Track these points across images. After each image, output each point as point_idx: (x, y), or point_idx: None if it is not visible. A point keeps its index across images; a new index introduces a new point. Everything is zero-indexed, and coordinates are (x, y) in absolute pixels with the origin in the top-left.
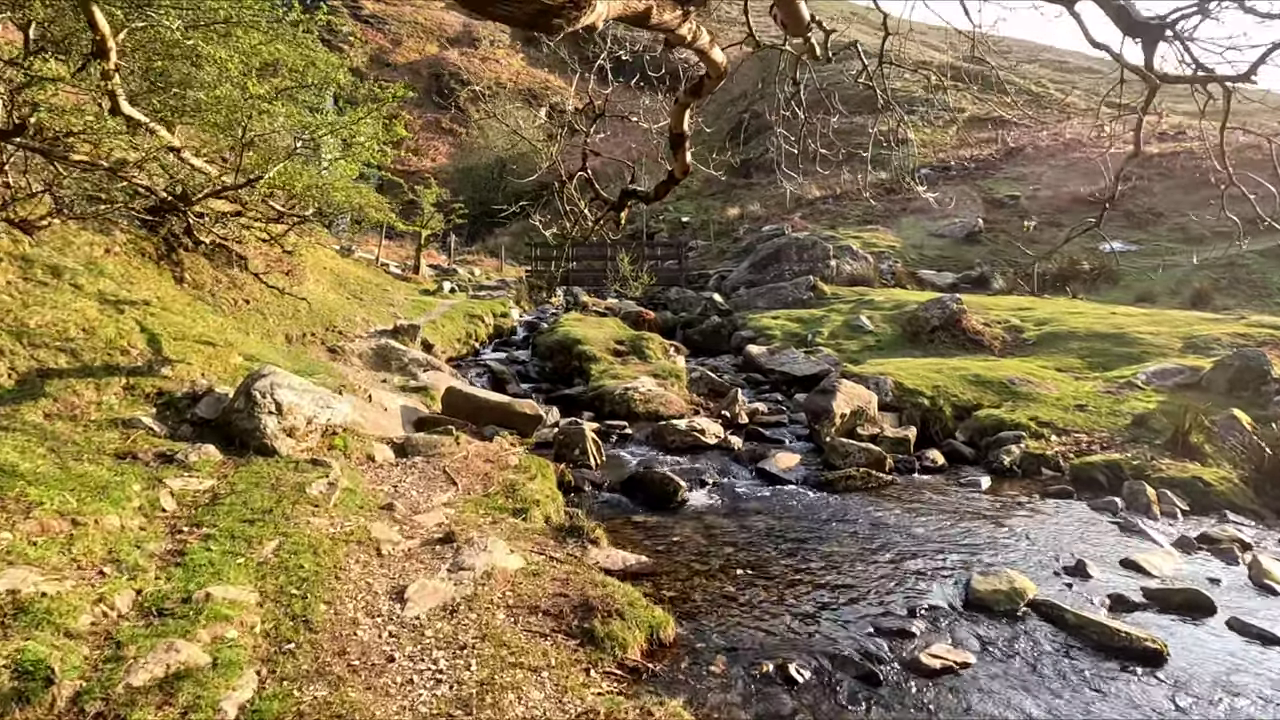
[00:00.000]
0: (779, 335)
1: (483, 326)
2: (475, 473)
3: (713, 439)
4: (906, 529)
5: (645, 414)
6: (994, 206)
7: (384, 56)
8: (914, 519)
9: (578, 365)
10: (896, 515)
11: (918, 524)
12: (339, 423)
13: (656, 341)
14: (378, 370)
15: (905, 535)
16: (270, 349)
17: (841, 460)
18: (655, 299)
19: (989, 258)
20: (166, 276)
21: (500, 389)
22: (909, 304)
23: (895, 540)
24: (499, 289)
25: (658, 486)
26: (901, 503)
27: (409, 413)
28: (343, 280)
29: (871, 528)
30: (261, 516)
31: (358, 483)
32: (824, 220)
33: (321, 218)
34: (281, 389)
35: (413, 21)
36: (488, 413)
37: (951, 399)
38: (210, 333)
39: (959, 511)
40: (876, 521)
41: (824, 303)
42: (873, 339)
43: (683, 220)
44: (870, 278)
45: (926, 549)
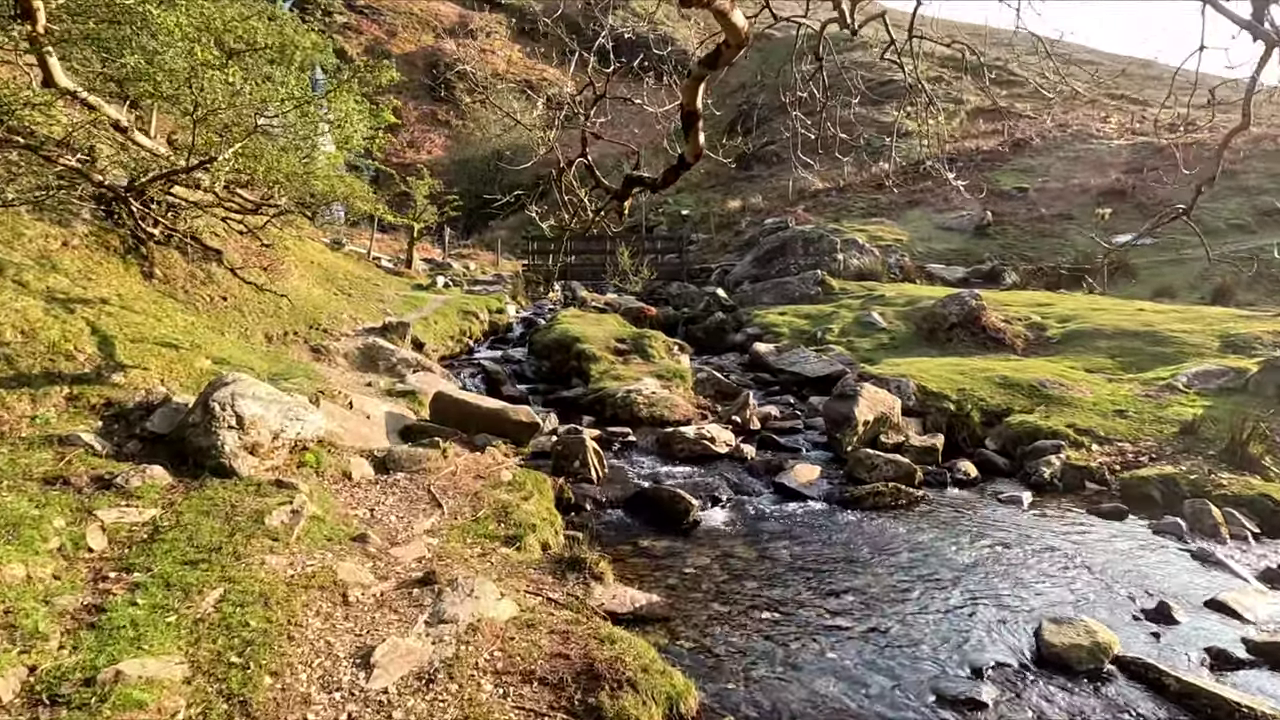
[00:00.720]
0: (787, 333)
1: (477, 323)
2: (464, 492)
3: (723, 448)
4: (949, 557)
5: (649, 419)
6: (1002, 199)
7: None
8: (956, 544)
9: (577, 365)
10: (936, 539)
11: (961, 550)
12: (311, 435)
13: (660, 340)
14: (364, 371)
15: (950, 565)
16: (246, 350)
17: (867, 473)
18: (656, 294)
19: (999, 252)
20: (133, 272)
21: (495, 390)
22: (922, 300)
23: (940, 572)
24: (495, 284)
25: (667, 505)
26: (939, 524)
27: (394, 420)
28: (330, 275)
29: (911, 555)
30: (207, 556)
31: (328, 507)
32: (828, 213)
33: (303, 208)
34: (244, 399)
35: (408, 12)
36: (480, 420)
37: (979, 403)
38: (176, 334)
39: (1004, 535)
40: (915, 547)
41: (832, 298)
42: (886, 337)
43: (683, 213)
44: (878, 272)
45: (977, 583)
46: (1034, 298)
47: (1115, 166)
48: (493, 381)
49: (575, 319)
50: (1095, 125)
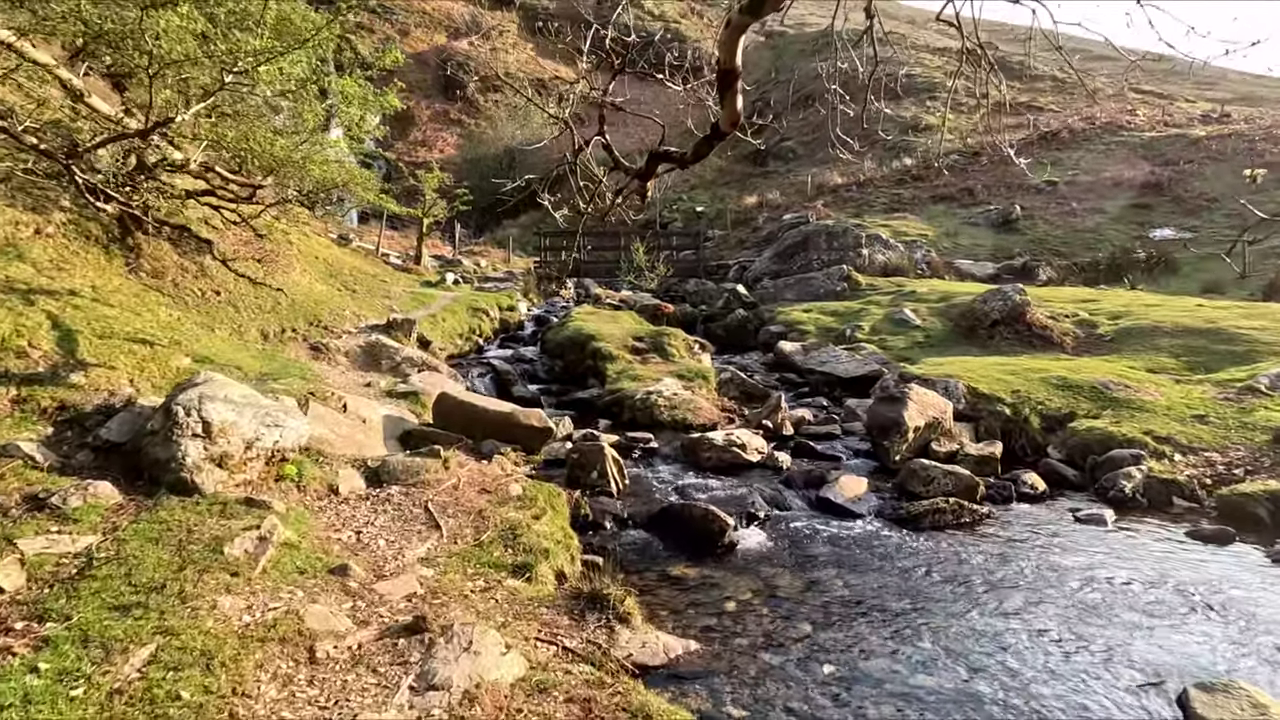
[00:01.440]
0: (813, 330)
1: (487, 321)
2: (467, 509)
3: (755, 456)
4: (1038, 591)
5: (671, 423)
6: (1030, 193)
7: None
8: (1041, 575)
9: (592, 364)
10: (1016, 569)
11: (1050, 584)
12: (292, 444)
13: (679, 338)
14: (366, 370)
15: (1041, 603)
16: (237, 348)
17: (923, 487)
18: (672, 291)
19: (1029, 247)
20: (116, 263)
21: (505, 391)
22: (957, 296)
23: (1031, 612)
24: (506, 281)
25: (698, 525)
26: (1014, 549)
27: (393, 425)
28: (335, 270)
29: (991, 589)
30: (144, 599)
31: (306, 530)
32: (848, 208)
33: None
34: (213, 403)
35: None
36: (487, 425)
37: (1037, 407)
38: (154, 329)
39: (1096, 563)
40: (993, 579)
41: (859, 294)
42: (921, 334)
43: (697, 210)
44: (904, 268)
45: (1081, 628)
46: (1076, 293)
47: (1149, 159)
48: (503, 382)
49: (589, 316)
50: (1124, 118)
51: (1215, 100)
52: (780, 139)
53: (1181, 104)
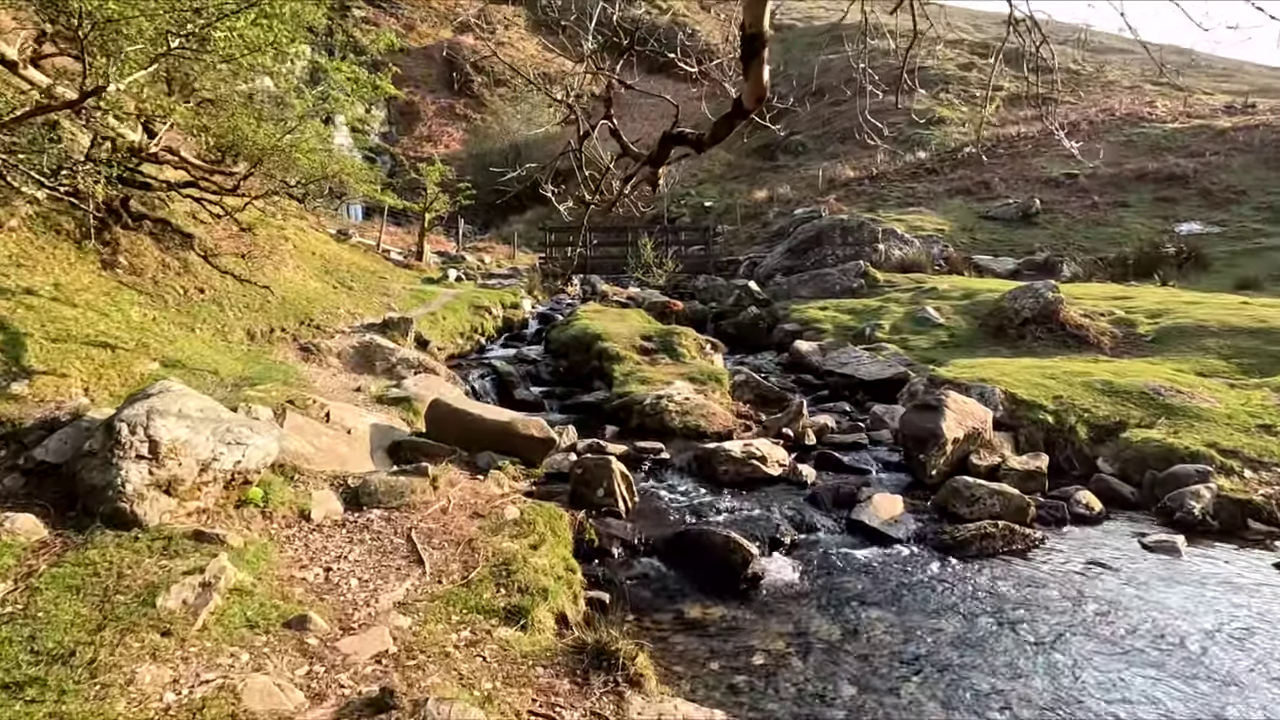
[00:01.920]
0: (830, 329)
1: (489, 319)
2: (455, 538)
3: (776, 469)
4: (1122, 640)
5: (683, 430)
6: (1049, 186)
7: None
8: (1122, 618)
9: (598, 365)
10: (1092, 610)
11: (1134, 629)
12: (257, 464)
13: (690, 337)
14: (359, 373)
15: (1131, 656)
16: (217, 349)
17: (966, 508)
18: (680, 288)
19: (1050, 242)
20: (89, 260)
21: (507, 394)
22: (981, 293)
23: (1118, 670)
24: (510, 277)
25: (719, 554)
26: (1082, 583)
27: (381, 435)
28: (332, 267)
29: (1067, 635)
30: (45, 671)
31: (266, 569)
32: (861, 202)
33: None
34: (164, 418)
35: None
36: (483, 435)
37: (1083, 415)
38: (121, 331)
39: (1184, 602)
40: (1066, 622)
41: (877, 291)
42: (945, 334)
43: (705, 205)
44: (922, 263)
45: (1189, 693)
46: (1106, 290)
47: (1172, 151)
48: (504, 384)
49: (596, 314)
50: (1144, 110)
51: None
52: (790, 133)
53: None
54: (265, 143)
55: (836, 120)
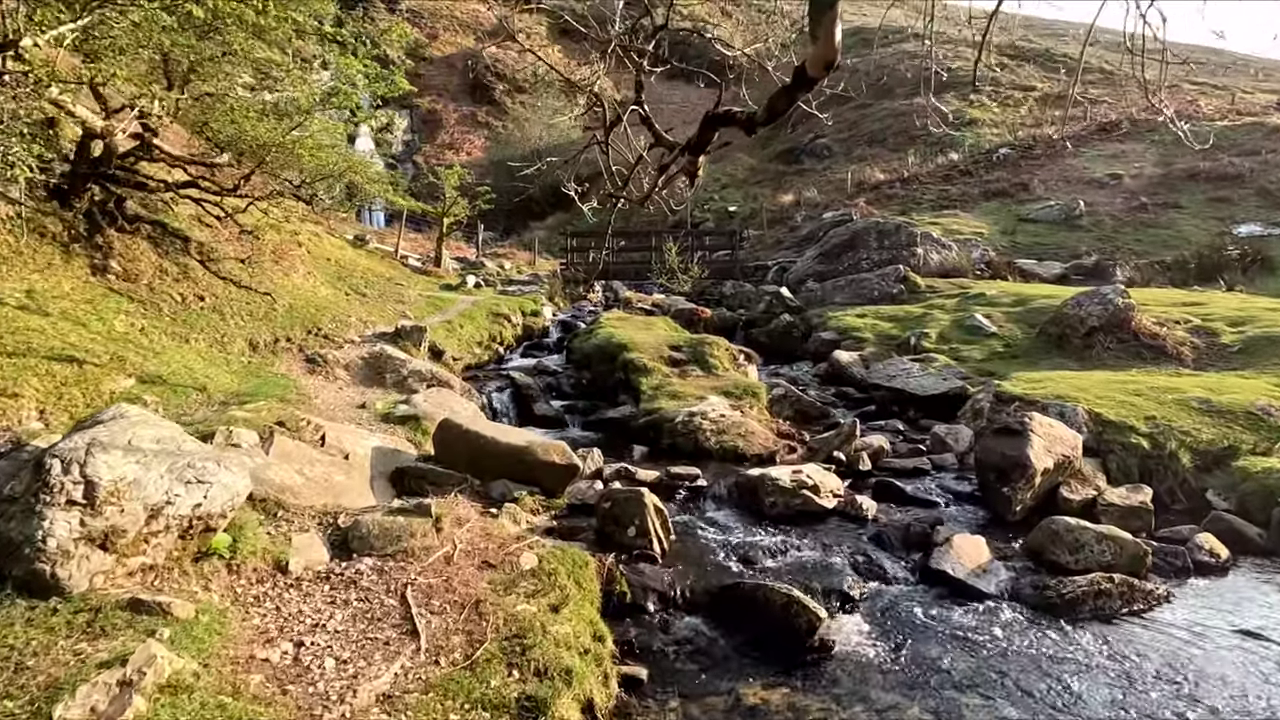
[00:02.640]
0: (870, 338)
1: (509, 327)
2: (460, 597)
3: (830, 500)
4: None
5: (719, 451)
6: (1092, 187)
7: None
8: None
9: (623, 378)
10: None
11: None
12: (222, 506)
13: (722, 347)
14: (367, 386)
15: None
16: (213, 362)
17: (1070, 555)
18: (706, 294)
19: (1096, 245)
20: (77, 264)
21: (525, 408)
22: (1035, 299)
23: None
24: (531, 284)
25: (778, 616)
26: (1230, 660)
27: (384, 460)
28: (345, 273)
29: None
30: None
31: (219, 646)
32: (893, 205)
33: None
34: (108, 452)
35: (450, 15)
36: (497, 461)
37: (1184, 439)
38: (97, 343)
39: None
40: None
41: (918, 297)
42: (999, 344)
43: (730, 209)
44: (963, 267)
45: None
46: (1171, 295)
47: (1224, 150)
48: (523, 398)
49: (620, 322)
50: (1190, 108)
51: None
52: (815, 136)
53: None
54: (267, 139)
55: (863, 123)
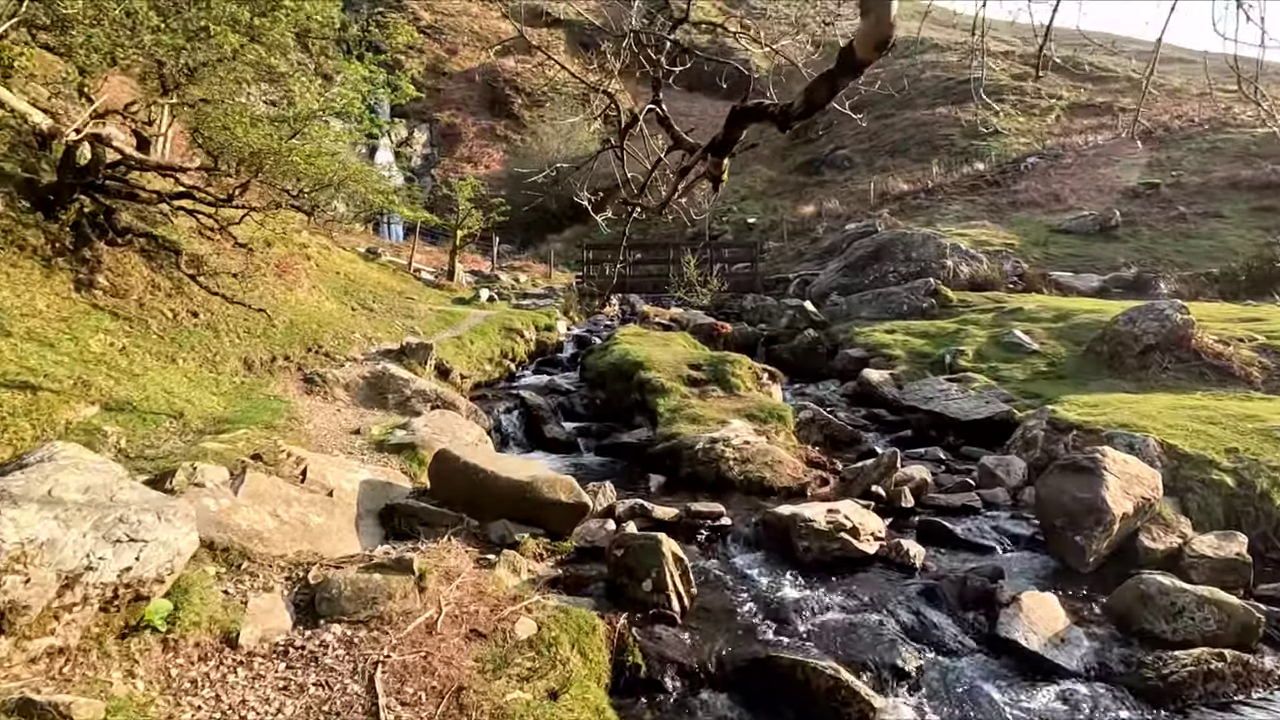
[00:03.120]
0: (902, 355)
1: (521, 343)
2: (440, 681)
3: (871, 544)
4: None
5: (743, 483)
6: (1127, 196)
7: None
8: None
9: (640, 399)
10: None
11: None
12: (162, 569)
13: (744, 365)
14: (368, 407)
15: None
16: (199, 384)
17: (1166, 623)
18: (725, 308)
19: (1134, 256)
20: (58, 280)
21: (535, 431)
22: (1076, 314)
23: None
24: (545, 297)
25: (822, 704)
26: None
27: (373, 496)
28: (353, 287)
29: None
30: None
31: None
32: (918, 216)
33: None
34: (18, 507)
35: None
36: (497, 498)
37: (1275, 476)
38: (62, 366)
39: None
40: None
41: (950, 312)
42: (1042, 362)
43: (749, 221)
44: (994, 280)
45: None
46: (1226, 311)
47: (1266, 157)
48: (533, 419)
49: (636, 338)
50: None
51: None
52: (835, 147)
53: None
54: (260, 145)
55: (884, 134)
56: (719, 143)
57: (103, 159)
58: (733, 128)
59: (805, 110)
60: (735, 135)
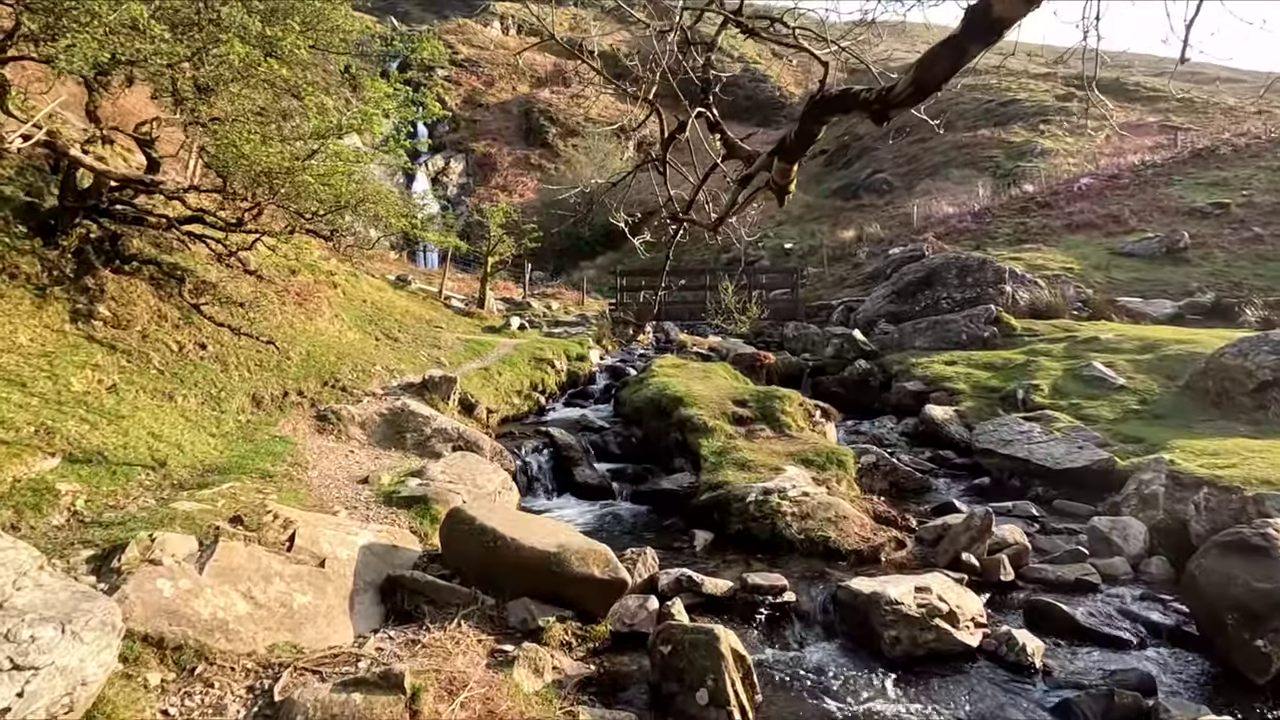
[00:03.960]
0: (965, 389)
1: (552, 374)
2: None
3: (971, 633)
4: None
5: (805, 544)
6: (1194, 217)
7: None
8: None
9: (680, 438)
10: None
11: None
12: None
13: (795, 402)
14: (385, 447)
15: None
16: (196, 425)
17: None
18: (766, 336)
19: (1208, 280)
20: (52, 310)
21: (565, 473)
22: (1166, 344)
23: None
24: (578, 325)
25: None
26: None
27: (375, 564)
28: (379, 316)
29: None
30: None
31: None
32: (965, 240)
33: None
34: None
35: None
36: (518, 570)
37: None
38: (24, 411)
39: None
40: None
41: (1015, 341)
42: (1133, 399)
43: (785, 246)
44: (1058, 307)
45: None
46: None
47: None
48: (562, 459)
49: (674, 370)
50: None
51: None
52: (873, 171)
53: None
54: (268, 164)
55: (924, 157)
56: (790, 144)
57: (105, 181)
58: (810, 123)
59: (913, 93)
60: (812, 133)
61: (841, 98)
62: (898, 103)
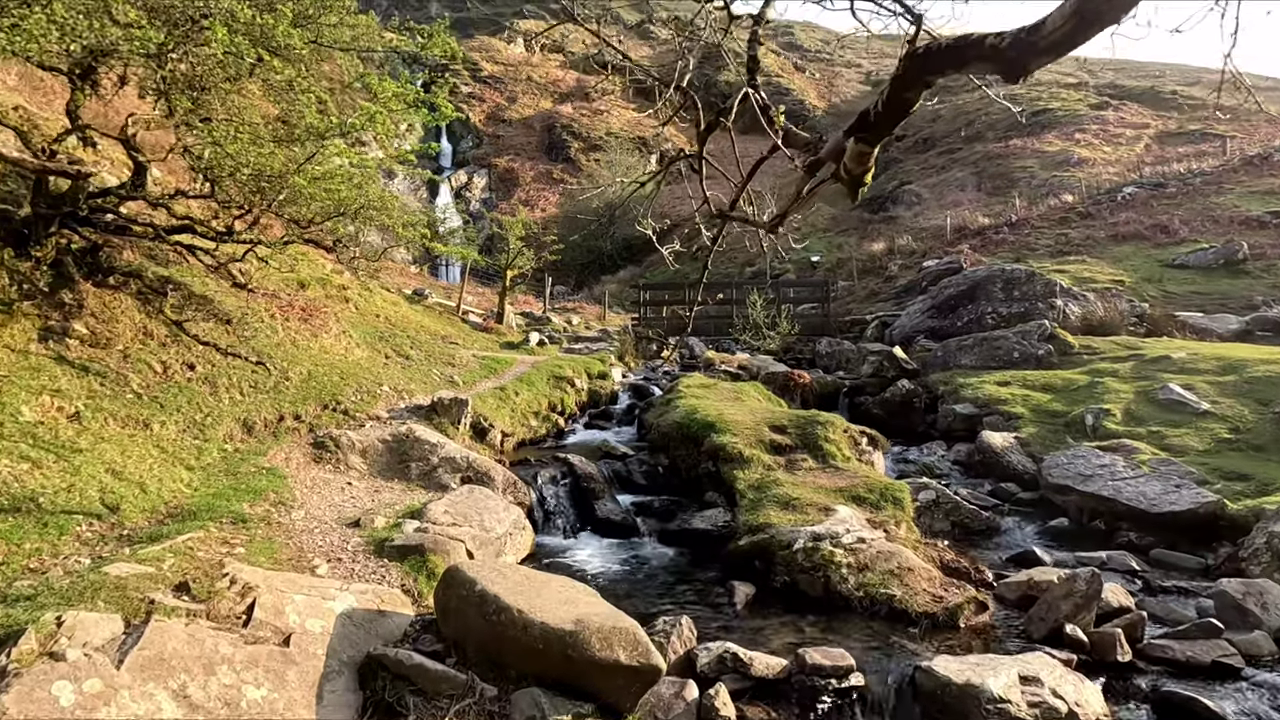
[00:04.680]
0: (1024, 413)
1: (571, 393)
2: None
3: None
4: None
5: (865, 601)
6: (1250, 227)
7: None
8: None
9: (712, 469)
10: None
11: None
12: None
13: (838, 428)
14: (386, 479)
15: None
16: (169, 457)
17: None
18: (795, 352)
19: (1271, 293)
20: (18, 328)
21: (585, 506)
22: (1251, 364)
23: None
24: (599, 340)
25: None
26: None
27: (352, 638)
28: (391, 332)
29: None
30: None
31: None
32: (1002, 251)
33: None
34: None
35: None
36: (527, 650)
37: None
38: None
39: None
40: None
41: (1073, 360)
42: (1222, 427)
43: (812, 259)
44: (1114, 323)
45: None
46: None
47: None
48: (583, 491)
49: (702, 390)
50: None
51: None
52: (900, 183)
53: None
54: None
55: (952, 168)
56: (876, 117)
57: (83, 188)
58: (904, 89)
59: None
60: (908, 103)
61: (957, 48)
62: (1047, 46)
